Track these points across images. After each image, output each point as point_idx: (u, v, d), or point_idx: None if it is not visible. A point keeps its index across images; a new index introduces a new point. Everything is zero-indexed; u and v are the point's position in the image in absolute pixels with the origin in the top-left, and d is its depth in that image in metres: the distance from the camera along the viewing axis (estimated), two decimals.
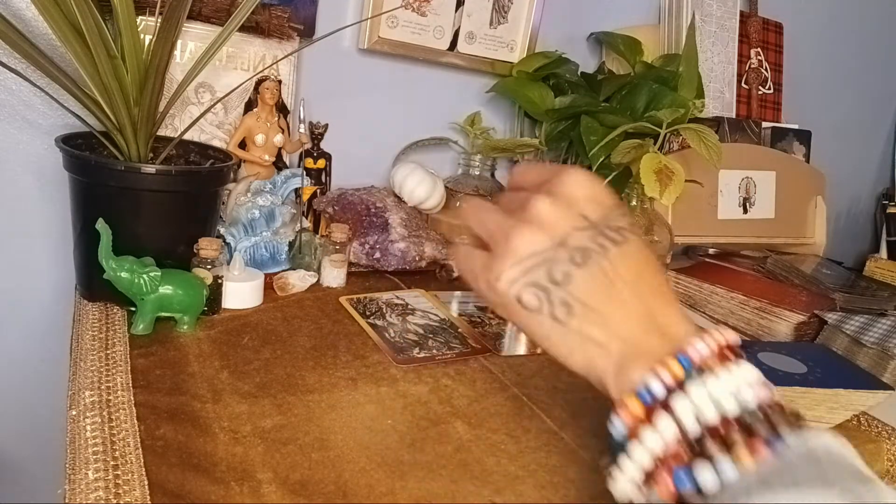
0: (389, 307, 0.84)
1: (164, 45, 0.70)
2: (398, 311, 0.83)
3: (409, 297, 0.89)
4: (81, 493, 0.47)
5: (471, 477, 0.55)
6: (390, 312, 0.82)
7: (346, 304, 0.84)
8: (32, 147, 0.89)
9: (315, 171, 1.02)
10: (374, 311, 0.82)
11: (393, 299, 0.87)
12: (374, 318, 0.80)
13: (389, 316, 0.81)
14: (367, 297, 0.86)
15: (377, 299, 0.86)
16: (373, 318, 0.80)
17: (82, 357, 0.65)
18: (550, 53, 1.15)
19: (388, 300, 0.87)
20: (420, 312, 0.84)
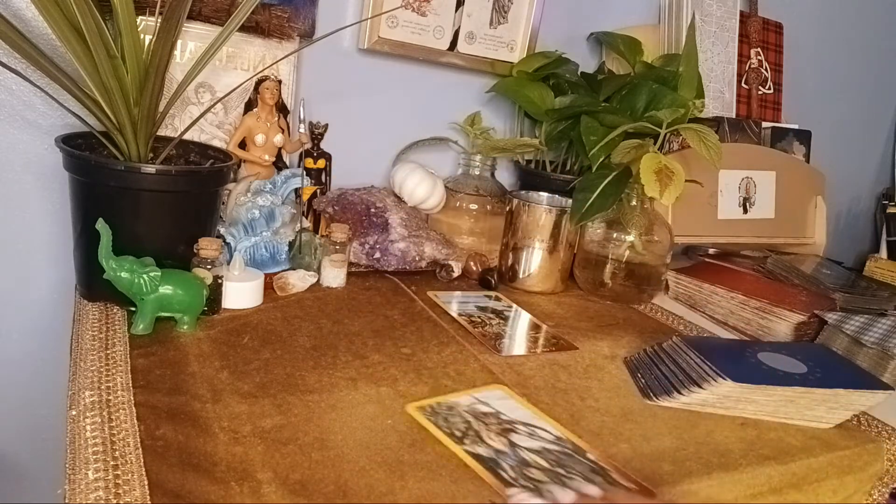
0: (480, 421, 0.63)
1: (164, 45, 0.70)
2: (495, 429, 0.62)
3: (494, 400, 0.67)
4: (81, 493, 0.47)
5: (471, 477, 0.55)
6: (486, 431, 0.61)
7: (419, 417, 0.62)
8: (32, 147, 0.89)
9: (315, 171, 1.02)
10: (465, 431, 0.60)
11: (476, 405, 0.65)
12: (470, 444, 0.58)
13: (488, 437, 0.60)
14: (441, 405, 0.65)
15: (456, 408, 0.64)
16: (468, 442, 0.59)
17: (82, 357, 0.65)
18: (550, 53, 1.15)
19: (471, 408, 0.65)
20: (522, 427, 0.63)
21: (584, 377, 0.76)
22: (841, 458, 0.68)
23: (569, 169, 1.17)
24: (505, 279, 1.04)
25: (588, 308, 1.00)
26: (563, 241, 1.01)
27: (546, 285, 1.03)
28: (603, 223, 1.03)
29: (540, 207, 1.02)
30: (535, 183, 1.13)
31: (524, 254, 1.02)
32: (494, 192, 1.12)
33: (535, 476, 0.55)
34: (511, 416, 0.65)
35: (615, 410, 0.69)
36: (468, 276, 1.03)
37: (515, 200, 1.03)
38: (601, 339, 0.87)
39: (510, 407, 0.66)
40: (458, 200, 1.10)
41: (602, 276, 1.03)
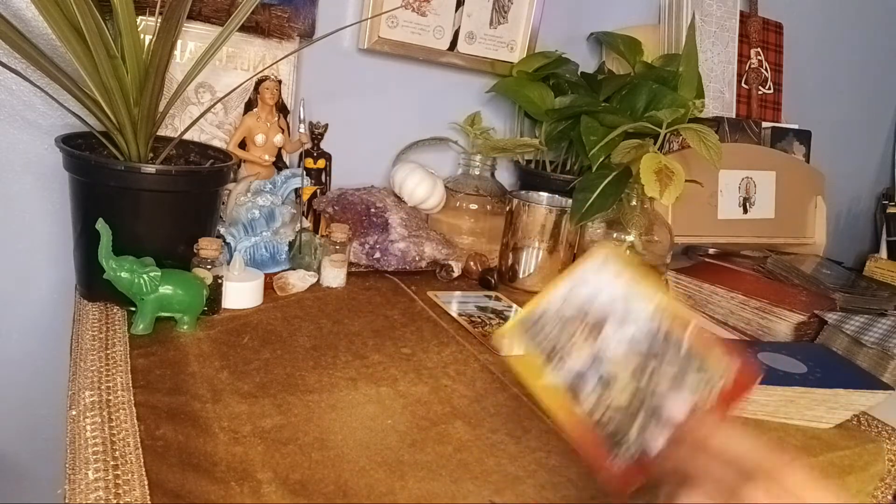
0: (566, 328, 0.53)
1: (164, 45, 0.70)
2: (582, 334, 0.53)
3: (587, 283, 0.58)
4: (81, 493, 0.47)
5: (471, 477, 0.55)
6: (571, 342, 0.52)
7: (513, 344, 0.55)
8: (32, 147, 0.89)
9: (315, 171, 1.02)
10: (551, 350, 0.52)
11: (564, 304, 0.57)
12: (553, 368, 0.51)
13: (576, 349, 0.51)
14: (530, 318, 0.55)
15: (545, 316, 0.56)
16: (551, 368, 0.51)
17: (82, 357, 0.65)
18: (550, 53, 1.15)
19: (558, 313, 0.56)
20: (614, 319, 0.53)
21: None
22: (841, 458, 0.69)
23: (569, 169, 1.17)
24: (505, 279, 1.04)
25: None
26: (563, 241, 1.01)
27: (546, 285, 1.03)
28: (603, 223, 1.03)
29: (540, 207, 1.02)
30: (535, 183, 1.13)
31: (524, 254, 1.02)
32: (494, 192, 1.12)
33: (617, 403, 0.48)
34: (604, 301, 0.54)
35: None
36: (468, 276, 1.03)
37: (515, 200, 1.03)
38: None
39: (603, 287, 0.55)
40: (458, 200, 1.10)
41: None
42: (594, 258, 0.58)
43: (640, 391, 0.48)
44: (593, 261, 0.57)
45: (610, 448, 0.46)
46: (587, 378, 0.50)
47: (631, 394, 0.48)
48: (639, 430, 0.46)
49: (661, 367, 0.48)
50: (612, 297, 0.53)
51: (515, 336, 0.56)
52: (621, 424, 0.47)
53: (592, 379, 0.50)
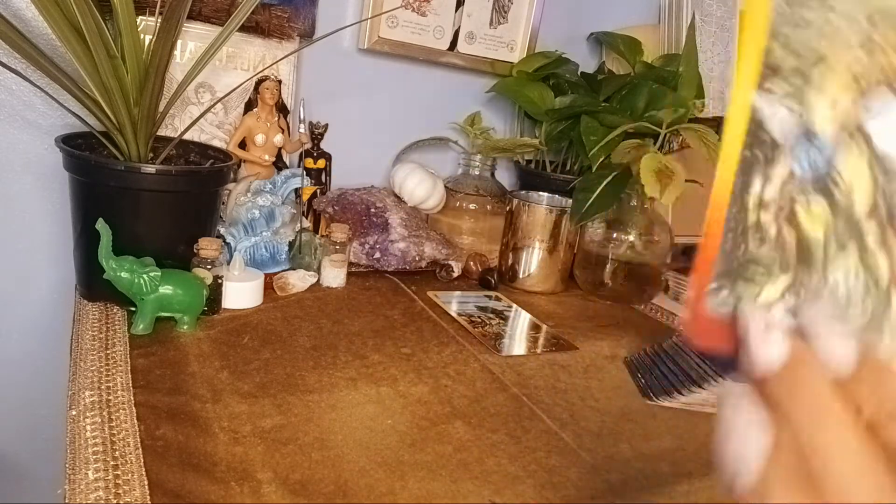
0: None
1: (164, 45, 0.70)
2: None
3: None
4: (81, 493, 0.47)
5: (471, 477, 0.55)
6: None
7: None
8: (32, 147, 0.89)
9: (315, 171, 1.02)
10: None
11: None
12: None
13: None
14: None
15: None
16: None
17: (82, 357, 0.65)
18: (550, 53, 1.15)
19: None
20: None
21: (584, 377, 0.76)
22: None
23: (569, 169, 1.17)
24: (505, 279, 1.04)
25: (588, 308, 1.00)
26: (563, 241, 1.01)
27: (546, 285, 1.03)
28: (603, 223, 1.03)
29: (540, 207, 1.02)
30: (535, 183, 1.13)
31: (524, 254, 1.02)
32: (494, 192, 1.12)
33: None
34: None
35: (615, 410, 0.69)
36: (468, 276, 1.03)
37: (515, 200, 1.03)
38: (601, 339, 0.87)
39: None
40: (458, 200, 1.10)
41: (602, 276, 1.03)
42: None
43: (838, 237, 0.29)
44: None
45: (719, 284, 0.32)
46: (802, 148, 0.30)
47: (826, 229, 0.29)
48: (782, 292, 0.30)
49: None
50: None
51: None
52: (765, 264, 0.31)
53: (807, 157, 0.30)
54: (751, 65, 0.30)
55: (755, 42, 0.30)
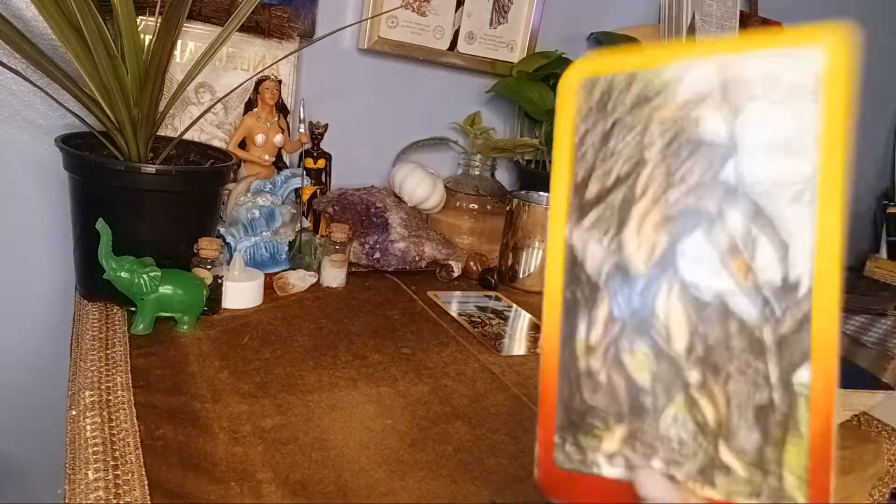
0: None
1: (164, 45, 0.70)
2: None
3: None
4: (81, 493, 0.47)
5: (471, 477, 0.55)
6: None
7: None
8: (32, 147, 0.89)
9: (315, 171, 1.02)
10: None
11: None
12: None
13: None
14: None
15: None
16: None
17: (82, 357, 0.65)
18: (550, 53, 1.15)
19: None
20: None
21: None
22: (841, 458, 0.69)
23: None
24: (505, 279, 1.04)
25: None
26: None
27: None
28: None
29: (540, 207, 1.02)
30: (535, 183, 1.13)
31: (524, 254, 1.02)
32: (494, 192, 1.12)
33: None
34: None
35: None
36: (468, 276, 1.03)
37: (515, 200, 1.03)
38: None
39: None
40: (458, 200, 1.10)
41: None
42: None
43: (671, 381, 0.29)
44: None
45: (562, 437, 0.33)
46: (620, 287, 0.30)
47: (653, 376, 0.29)
48: (620, 444, 0.31)
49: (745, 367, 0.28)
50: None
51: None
52: (600, 415, 0.31)
53: (625, 297, 0.30)
54: (561, 196, 0.32)
55: (563, 170, 0.32)
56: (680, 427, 0.29)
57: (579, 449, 0.32)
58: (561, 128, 0.32)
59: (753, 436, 0.27)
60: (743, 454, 0.27)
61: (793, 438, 0.26)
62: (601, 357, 0.31)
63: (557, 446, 0.33)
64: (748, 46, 0.28)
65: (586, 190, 0.31)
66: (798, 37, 0.27)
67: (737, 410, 0.28)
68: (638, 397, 0.30)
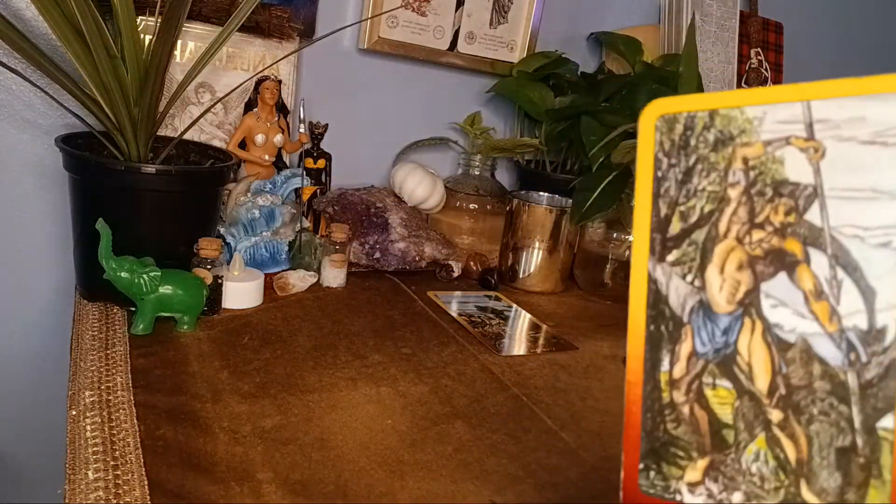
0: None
1: (164, 45, 0.70)
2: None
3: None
4: (81, 493, 0.47)
5: (471, 477, 0.55)
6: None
7: None
8: (32, 147, 0.89)
9: (315, 171, 1.02)
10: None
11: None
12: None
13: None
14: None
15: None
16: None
17: (82, 357, 0.65)
18: (550, 53, 1.15)
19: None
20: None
21: (584, 377, 0.76)
22: None
23: (569, 169, 1.17)
24: (505, 279, 1.04)
25: (588, 308, 1.00)
26: (563, 241, 1.01)
27: (546, 285, 1.03)
28: (603, 223, 1.03)
29: (540, 207, 1.02)
30: (535, 183, 1.13)
31: (524, 254, 1.02)
32: (494, 192, 1.12)
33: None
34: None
35: (615, 410, 0.69)
36: (468, 276, 1.03)
37: (515, 200, 1.03)
38: (601, 339, 0.87)
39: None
40: (458, 200, 1.10)
41: (602, 276, 1.03)
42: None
43: (753, 422, 0.29)
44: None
45: (645, 464, 0.33)
46: (703, 324, 0.30)
47: (735, 412, 0.30)
48: (702, 475, 0.31)
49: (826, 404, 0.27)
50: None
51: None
52: (683, 447, 0.32)
53: (708, 334, 0.30)
54: (644, 230, 0.32)
55: (645, 204, 0.32)
56: (762, 463, 0.29)
57: (662, 477, 0.33)
58: (643, 162, 0.32)
59: (835, 477, 0.27)
60: (825, 494, 0.28)
61: (875, 482, 0.26)
62: (684, 391, 0.31)
63: (641, 472, 0.34)
64: (835, 91, 0.28)
65: (669, 226, 0.31)
66: (887, 82, 0.26)
67: (818, 451, 0.28)
68: (720, 432, 0.30)
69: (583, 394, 0.72)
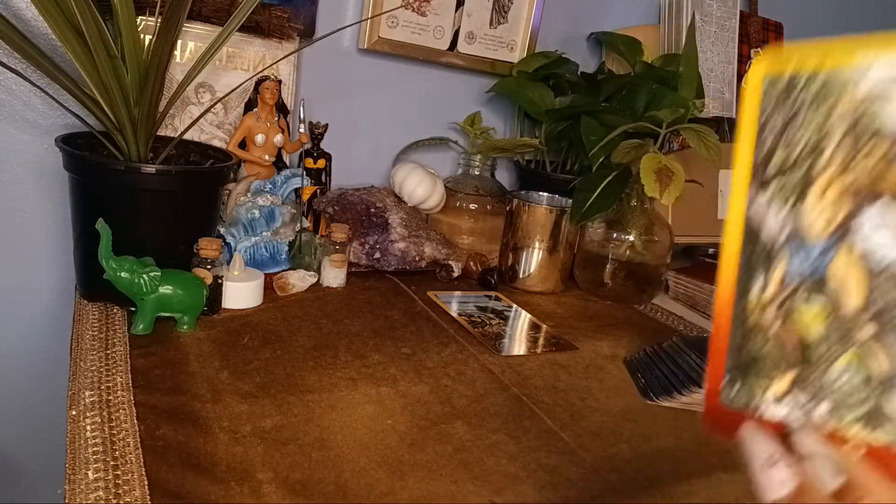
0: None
1: (164, 45, 0.70)
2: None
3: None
4: (81, 493, 0.47)
5: (471, 477, 0.55)
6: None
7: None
8: (32, 147, 0.89)
9: (315, 171, 1.02)
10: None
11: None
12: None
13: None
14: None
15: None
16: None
17: (82, 357, 0.65)
18: (550, 53, 1.15)
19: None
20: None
21: (584, 377, 0.76)
22: None
23: (569, 169, 1.17)
24: (505, 279, 1.04)
25: (588, 308, 1.00)
26: (563, 241, 1.01)
27: (546, 285, 1.03)
28: (603, 223, 1.03)
29: (540, 207, 1.02)
30: (535, 183, 1.13)
31: (524, 254, 1.02)
32: (494, 192, 1.12)
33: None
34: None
35: (615, 410, 0.69)
36: (468, 276, 1.03)
37: (515, 200, 1.03)
38: (601, 339, 0.87)
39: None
40: (458, 200, 1.10)
41: (602, 276, 1.03)
42: None
43: (841, 337, 0.30)
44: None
45: (732, 377, 0.34)
46: (796, 252, 0.31)
47: (826, 328, 0.31)
48: (789, 386, 0.32)
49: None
50: None
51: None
52: (772, 361, 0.33)
53: (801, 260, 0.31)
54: (745, 162, 0.33)
55: (746, 149, 0.33)
56: (852, 374, 0.30)
57: (748, 388, 0.34)
58: (747, 116, 0.33)
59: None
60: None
61: None
62: (775, 310, 0.32)
63: (726, 386, 0.35)
64: None
65: (767, 166, 0.32)
66: None
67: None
68: (810, 346, 0.31)
69: (583, 394, 0.72)
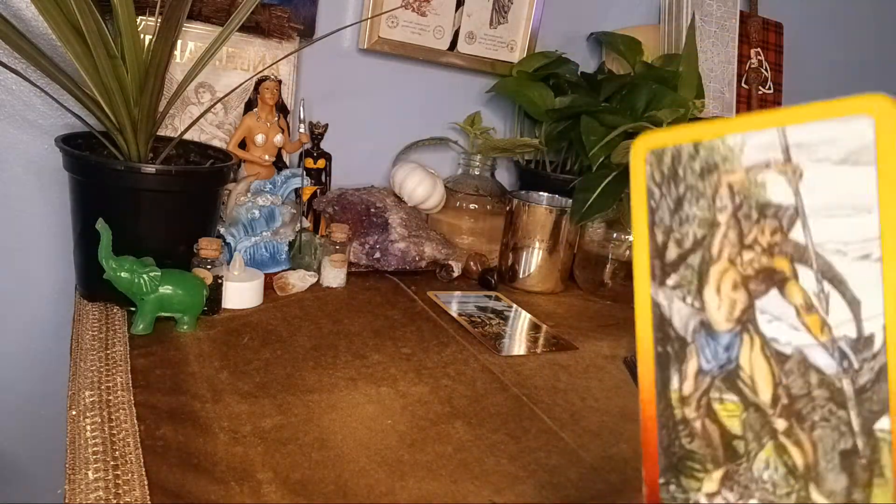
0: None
1: (164, 45, 0.70)
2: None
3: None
4: (81, 493, 0.47)
5: (471, 477, 0.55)
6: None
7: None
8: (32, 147, 0.89)
9: (315, 171, 1.02)
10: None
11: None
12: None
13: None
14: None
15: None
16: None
17: (82, 357, 0.65)
18: (550, 53, 1.15)
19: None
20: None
21: (584, 377, 0.76)
22: None
23: (569, 169, 1.17)
24: (505, 279, 1.04)
25: (588, 308, 1.00)
26: (563, 241, 1.01)
27: (546, 285, 1.03)
28: (603, 223, 1.03)
29: (540, 207, 1.02)
30: (535, 183, 1.13)
31: (524, 254, 1.02)
32: (494, 192, 1.12)
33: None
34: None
35: (615, 410, 0.69)
36: (468, 276, 1.03)
37: (515, 200, 1.03)
38: (601, 339, 0.87)
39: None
40: (458, 200, 1.10)
41: (602, 276, 1.03)
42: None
43: (758, 433, 0.31)
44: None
45: (665, 478, 0.35)
46: (706, 344, 0.32)
47: (742, 424, 0.31)
48: (719, 485, 0.32)
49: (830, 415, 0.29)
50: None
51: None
52: (699, 460, 0.33)
53: (712, 353, 0.31)
54: (644, 257, 0.34)
55: (642, 233, 0.35)
56: (772, 471, 0.31)
57: (682, 489, 0.35)
58: (636, 195, 0.34)
59: (841, 479, 0.29)
60: (833, 496, 0.29)
61: (878, 481, 0.28)
62: (695, 407, 0.33)
63: (662, 487, 0.36)
64: (806, 116, 0.29)
65: (666, 252, 0.33)
66: (850, 106, 0.28)
67: (824, 455, 0.30)
68: (731, 443, 0.32)
69: (583, 394, 0.72)
